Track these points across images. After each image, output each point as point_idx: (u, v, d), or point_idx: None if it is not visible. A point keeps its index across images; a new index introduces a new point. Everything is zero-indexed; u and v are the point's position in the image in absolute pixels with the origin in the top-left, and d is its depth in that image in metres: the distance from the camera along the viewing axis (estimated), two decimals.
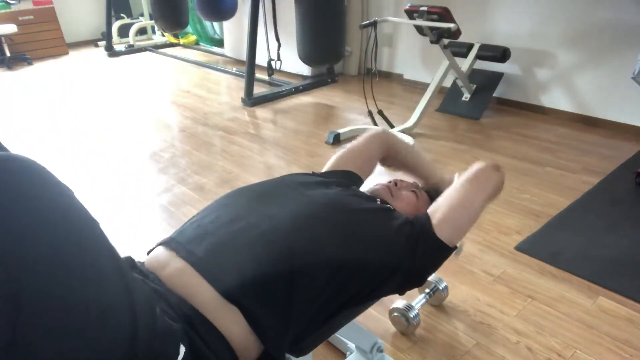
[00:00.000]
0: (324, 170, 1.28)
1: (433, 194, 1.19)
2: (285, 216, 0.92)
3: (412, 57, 4.11)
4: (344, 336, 1.41)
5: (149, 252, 0.95)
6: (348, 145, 1.33)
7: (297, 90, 4.05)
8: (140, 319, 0.66)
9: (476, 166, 1.11)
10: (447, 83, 3.47)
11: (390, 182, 1.26)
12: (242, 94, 3.80)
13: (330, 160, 1.30)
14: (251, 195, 1.01)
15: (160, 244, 0.94)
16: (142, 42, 6.05)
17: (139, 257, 0.95)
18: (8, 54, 5.16)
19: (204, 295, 0.80)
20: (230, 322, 0.80)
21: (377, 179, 1.36)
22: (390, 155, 1.36)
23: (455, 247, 1.03)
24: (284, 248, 0.86)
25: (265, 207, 0.95)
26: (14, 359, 0.58)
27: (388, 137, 1.35)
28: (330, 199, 1.00)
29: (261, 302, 0.82)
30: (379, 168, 1.36)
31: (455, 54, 3.29)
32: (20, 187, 0.60)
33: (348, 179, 1.23)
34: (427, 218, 1.03)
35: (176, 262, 0.85)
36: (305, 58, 3.34)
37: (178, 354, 0.71)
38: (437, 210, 1.04)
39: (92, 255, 0.65)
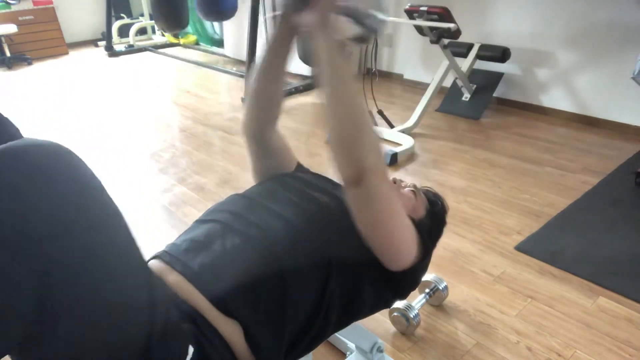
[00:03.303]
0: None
1: (431, 196, 1.18)
2: (279, 225, 0.91)
3: (412, 57, 4.11)
4: (344, 336, 1.41)
5: None
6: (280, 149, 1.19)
7: (297, 90, 4.05)
8: (157, 315, 0.68)
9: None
10: (447, 83, 3.47)
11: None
12: (242, 94, 3.80)
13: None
14: (243, 203, 0.99)
15: (154, 257, 0.92)
16: (142, 42, 6.04)
17: None
18: (8, 54, 5.16)
19: (203, 307, 0.81)
20: (230, 332, 0.81)
21: None
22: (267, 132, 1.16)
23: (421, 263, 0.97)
24: (275, 257, 0.86)
25: (257, 217, 0.93)
26: (39, 333, 0.60)
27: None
28: (322, 204, 0.98)
29: (255, 313, 0.82)
30: None
31: (455, 54, 3.28)
32: (62, 174, 0.62)
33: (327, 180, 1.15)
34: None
35: (172, 275, 0.84)
36: (305, 58, 3.34)
37: (187, 354, 0.72)
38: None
39: (120, 248, 0.67)
